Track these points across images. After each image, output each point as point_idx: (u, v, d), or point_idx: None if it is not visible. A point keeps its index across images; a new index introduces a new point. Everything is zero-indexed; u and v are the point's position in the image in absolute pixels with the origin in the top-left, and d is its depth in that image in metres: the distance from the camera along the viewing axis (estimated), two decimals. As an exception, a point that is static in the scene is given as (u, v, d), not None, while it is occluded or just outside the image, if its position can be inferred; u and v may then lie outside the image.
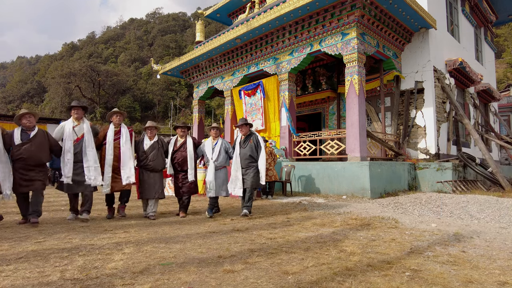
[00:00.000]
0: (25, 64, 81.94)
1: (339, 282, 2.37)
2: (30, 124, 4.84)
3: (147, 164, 5.48)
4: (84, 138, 5.09)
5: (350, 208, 6.30)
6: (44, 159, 4.93)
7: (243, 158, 5.62)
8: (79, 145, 5.09)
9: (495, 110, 16.32)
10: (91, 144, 5.13)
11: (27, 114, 4.85)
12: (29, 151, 4.70)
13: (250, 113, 11.35)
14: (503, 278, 2.50)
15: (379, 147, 9.83)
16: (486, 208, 5.66)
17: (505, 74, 33.08)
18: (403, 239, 3.76)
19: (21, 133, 4.77)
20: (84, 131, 5.13)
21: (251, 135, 5.76)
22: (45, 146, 4.91)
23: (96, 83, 44.31)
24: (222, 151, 5.73)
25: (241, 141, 5.75)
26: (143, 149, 5.51)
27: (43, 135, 4.94)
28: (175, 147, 5.75)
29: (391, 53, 9.95)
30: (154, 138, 5.60)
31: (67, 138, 5.04)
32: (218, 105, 41.92)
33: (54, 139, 5.13)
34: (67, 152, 5.00)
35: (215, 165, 5.64)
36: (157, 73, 14.51)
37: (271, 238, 3.84)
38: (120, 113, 5.55)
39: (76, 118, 5.20)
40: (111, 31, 79.54)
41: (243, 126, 5.76)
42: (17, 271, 2.63)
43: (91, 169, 5.04)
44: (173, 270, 2.66)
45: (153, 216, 5.34)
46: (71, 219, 5.14)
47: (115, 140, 5.36)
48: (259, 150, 5.64)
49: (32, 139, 4.76)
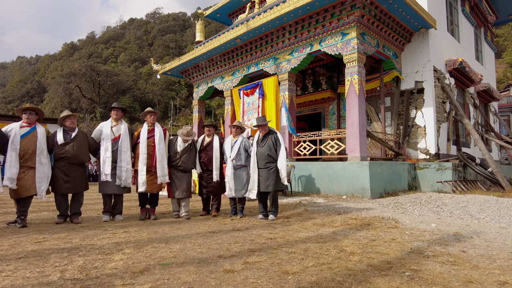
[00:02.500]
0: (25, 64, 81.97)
1: (339, 282, 2.36)
2: (73, 125, 5.08)
3: (179, 165, 5.55)
4: (121, 139, 5.23)
5: (350, 208, 6.29)
6: (84, 159, 5.12)
7: (260, 158, 5.27)
8: (116, 144, 5.22)
9: (495, 110, 16.32)
10: (127, 145, 5.25)
11: (71, 116, 5.08)
12: (71, 150, 4.91)
13: (247, 113, 11.33)
14: (503, 278, 2.50)
15: (379, 147, 9.83)
16: (486, 208, 5.66)
17: (505, 74, 33.06)
18: (403, 239, 3.76)
19: (63, 133, 4.99)
20: (121, 132, 5.27)
21: (270, 133, 5.40)
22: (85, 146, 5.12)
23: (96, 83, 44.31)
24: (241, 149, 5.53)
25: (258, 140, 5.40)
26: (176, 150, 5.58)
27: (83, 135, 5.17)
28: (201, 146, 5.79)
29: (391, 53, 9.95)
30: (188, 141, 5.70)
31: (105, 137, 5.20)
32: (218, 105, 41.92)
33: (93, 139, 5.31)
34: (106, 151, 5.14)
35: (233, 164, 5.48)
36: (157, 73, 14.51)
37: (271, 238, 3.84)
38: (154, 112, 5.60)
39: (115, 119, 5.35)
40: (111, 31, 79.53)
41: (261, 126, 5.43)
42: (17, 271, 2.63)
43: (123, 170, 5.17)
44: (173, 270, 2.66)
45: (187, 216, 5.46)
46: (106, 220, 5.14)
47: (149, 139, 5.41)
48: (279, 149, 5.24)
49: (73, 139, 4.98)
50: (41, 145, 4.76)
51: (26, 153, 4.63)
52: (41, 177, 4.70)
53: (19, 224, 4.59)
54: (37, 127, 4.83)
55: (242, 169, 5.54)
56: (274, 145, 5.26)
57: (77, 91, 43.83)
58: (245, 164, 5.57)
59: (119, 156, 5.17)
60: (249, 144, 5.59)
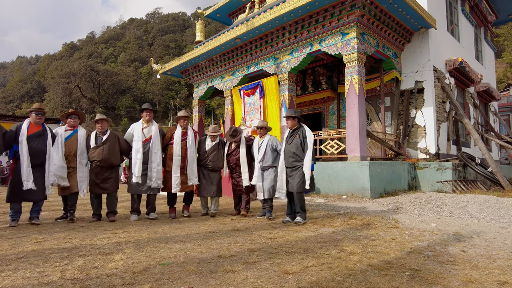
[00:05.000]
0: (25, 64, 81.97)
1: (339, 282, 2.36)
2: (102, 129, 5.25)
3: (207, 164, 5.67)
4: (152, 140, 5.33)
5: (350, 208, 6.29)
6: (115, 161, 5.26)
7: (287, 156, 4.96)
8: (147, 146, 5.32)
9: (495, 110, 16.32)
10: (158, 146, 5.36)
11: (101, 120, 5.26)
12: (101, 154, 5.08)
13: (248, 113, 11.34)
14: (503, 277, 2.49)
15: (379, 147, 9.83)
16: (486, 207, 5.66)
17: (505, 74, 33.07)
18: (403, 239, 3.76)
19: (95, 136, 5.22)
20: (152, 133, 5.37)
21: (299, 128, 5.03)
22: (115, 148, 5.26)
23: (96, 83, 44.35)
24: (268, 150, 5.35)
25: (287, 136, 5.11)
26: (205, 149, 5.73)
27: (114, 138, 5.30)
28: (229, 149, 5.84)
29: (391, 53, 9.95)
30: (215, 140, 5.81)
31: (136, 139, 5.31)
32: (218, 105, 41.92)
33: (125, 141, 5.46)
34: (137, 152, 5.24)
35: (260, 166, 5.37)
36: (157, 73, 14.50)
37: (271, 238, 3.84)
38: (187, 117, 5.74)
39: (146, 120, 5.45)
40: (111, 31, 79.52)
41: (289, 118, 5.07)
42: (17, 271, 2.63)
43: (154, 171, 5.25)
44: (173, 270, 2.66)
45: (215, 214, 5.60)
46: (134, 220, 5.20)
47: (182, 141, 5.56)
48: (306, 147, 4.85)
49: (104, 142, 5.16)
50: (81, 147, 5.11)
51: (69, 155, 5.02)
52: (82, 176, 5.06)
53: (69, 218, 5.01)
54: (79, 130, 5.20)
55: (270, 170, 5.35)
56: (302, 143, 4.90)
57: (77, 91, 43.86)
58: (274, 165, 5.34)
59: (150, 157, 5.27)
60: (277, 143, 5.40)
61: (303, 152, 4.86)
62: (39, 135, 4.81)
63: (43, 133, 4.86)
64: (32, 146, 4.68)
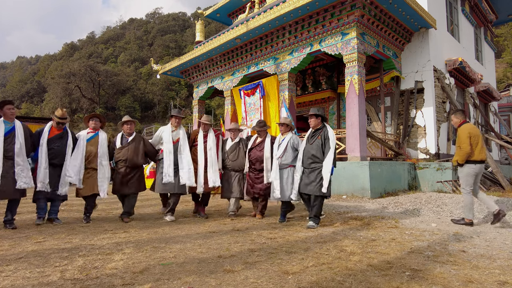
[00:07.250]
0: (25, 64, 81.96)
1: (339, 282, 2.36)
2: (130, 130, 5.44)
3: (227, 163, 5.70)
4: (180, 143, 5.50)
5: (350, 208, 6.30)
6: (139, 162, 5.38)
7: (305, 157, 4.75)
8: (175, 147, 5.47)
9: (495, 110, 16.32)
10: (186, 149, 5.50)
11: (128, 122, 5.45)
12: (126, 154, 5.24)
13: (249, 113, 11.34)
14: (503, 278, 2.50)
15: (379, 147, 9.82)
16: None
17: (505, 74, 33.06)
18: (403, 239, 3.76)
19: (121, 137, 5.41)
20: (180, 136, 5.55)
21: (322, 128, 4.79)
22: (140, 150, 5.39)
23: (96, 83, 44.31)
24: (288, 147, 5.11)
25: (309, 136, 4.88)
26: (225, 149, 5.76)
27: (140, 140, 5.46)
28: (253, 144, 5.70)
29: (391, 53, 9.95)
30: (236, 139, 5.84)
31: (167, 141, 5.45)
32: (218, 105, 41.89)
33: (150, 143, 5.63)
34: (169, 153, 5.37)
35: (278, 163, 5.09)
36: (157, 73, 14.50)
37: (271, 238, 3.84)
38: (207, 123, 5.79)
39: (175, 125, 5.62)
40: (111, 31, 79.45)
41: (312, 116, 4.83)
42: (17, 271, 2.63)
43: (185, 171, 5.35)
44: (173, 270, 2.66)
45: (233, 215, 5.58)
46: (172, 220, 5.26)
47: (204, 143, 5.68)
48: (327, 150, 4.60)
49: (129, 143, 5.33)
50: (102, 149, 5.23)
51: (89, 156, 5.15)
52: (102, 177, 5.17)
53: (84, 221, 5.08)
54: (100, 133, 5.35)
55: (289, 169, 5.06)
56: (323, 144, 4.66)
57: (77, 91, 43.83)
58: (293, 164, 5.08)
59: (180, 159, 5.42)
60: (298, 142, 5.16)
61: (323, 154, 4.64)
62: (60, 137, 5.02)
63: (64, 135, 5.06)
64: (53, 147, 4.89)
